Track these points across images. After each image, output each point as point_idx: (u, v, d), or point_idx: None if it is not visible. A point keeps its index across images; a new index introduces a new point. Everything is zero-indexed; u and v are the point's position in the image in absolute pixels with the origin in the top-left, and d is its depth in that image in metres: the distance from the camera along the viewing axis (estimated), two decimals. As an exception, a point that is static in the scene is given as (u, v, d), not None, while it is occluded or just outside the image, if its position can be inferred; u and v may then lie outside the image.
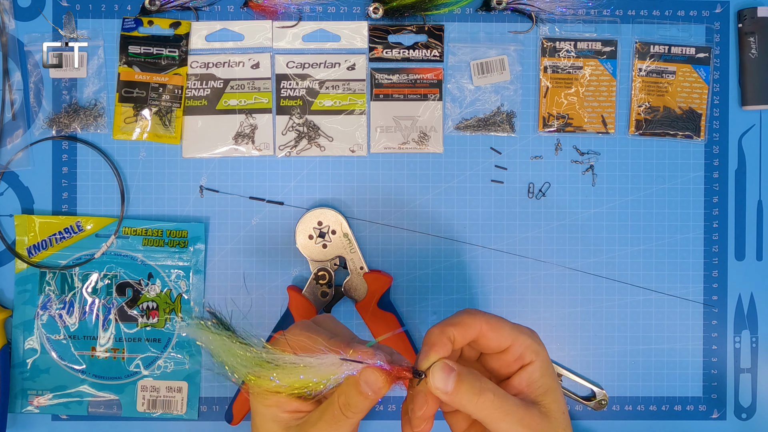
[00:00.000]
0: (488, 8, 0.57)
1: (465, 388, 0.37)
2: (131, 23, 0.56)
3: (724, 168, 0.58)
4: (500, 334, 0.39)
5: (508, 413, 0.37)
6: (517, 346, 0.39)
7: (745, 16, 0.57)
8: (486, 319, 0.39)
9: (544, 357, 0.40)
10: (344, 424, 0.40)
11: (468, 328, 0.39)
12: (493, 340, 0.39)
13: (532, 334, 0.41)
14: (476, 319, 0.39)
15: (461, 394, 0.37)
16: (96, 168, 0.57)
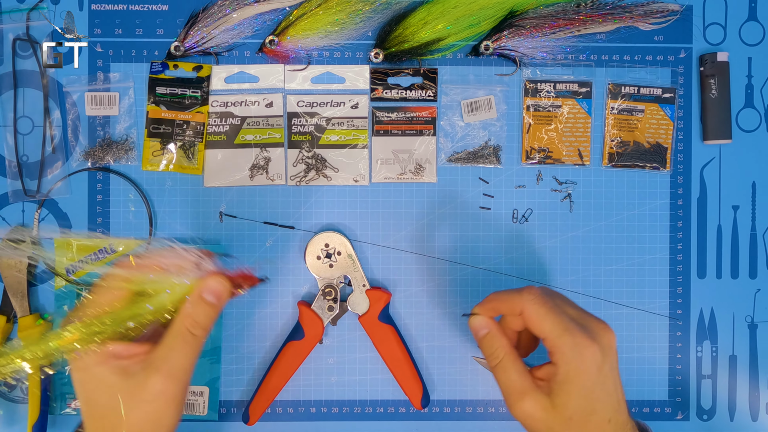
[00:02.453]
0: (477, 53, 0.59)
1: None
2: (158, 67, 0.59)
3: (687, 196, 0.61)
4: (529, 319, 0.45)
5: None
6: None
7: (706, 61, 0.59)
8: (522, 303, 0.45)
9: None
10: (195, 345, 0.41)
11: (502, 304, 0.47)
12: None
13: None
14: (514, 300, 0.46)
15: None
16: (127, 196, 0.59)
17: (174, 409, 0.41)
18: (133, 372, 0.40)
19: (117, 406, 0.40)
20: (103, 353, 0.40)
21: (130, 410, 0.40)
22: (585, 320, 0.45)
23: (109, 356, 0.40)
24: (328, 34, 0.59)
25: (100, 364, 0.40)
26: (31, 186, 0.59)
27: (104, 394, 0.40)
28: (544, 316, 0.44)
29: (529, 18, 0.59)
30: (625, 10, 0.59)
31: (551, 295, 0.46)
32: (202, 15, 0.58)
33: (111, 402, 0.40)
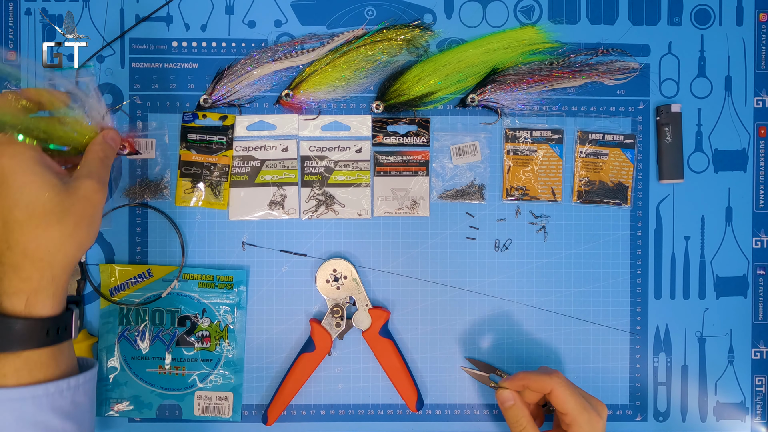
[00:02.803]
0: (464, 105, 0.63)
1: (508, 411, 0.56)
2: (189, 116, 0.62)
3: (646, 228, 0.64)
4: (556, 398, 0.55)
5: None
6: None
7: (661, 111, 0.63)
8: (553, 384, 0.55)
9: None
10: (108, 168, 0.48)
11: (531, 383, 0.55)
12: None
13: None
14: (546, 381, 0.55)
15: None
16: (162, 228, 0.62)
17: (100, 213, 0.46)
18: (65, 181, 0.45)
19: (57, 200, 0.43)
20: (42, 155, 0.43)
21: (71, 204, 0.43)
22: (590, 401, 0.55)
23: (47, 162, 0.44)
24: (336, 88, 0.63)
25: (41, 165, 0.43)
26: None
27: (46, 187, 0.43)
28: (569, 397, 0.53)
29: (509, 74, 0.63)
30: (592, 68, 0.64)
31: (567, 380, 0.56)
32: (227, 72, 0.63)
33: (51, 196, 0.43)
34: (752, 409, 0.65)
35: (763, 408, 0.65)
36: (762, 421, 0.66)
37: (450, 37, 0.65)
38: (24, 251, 0.43)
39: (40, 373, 0.44)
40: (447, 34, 0.64)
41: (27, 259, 0.43)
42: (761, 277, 0.65)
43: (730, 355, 0.65)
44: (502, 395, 0.57)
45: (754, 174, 0.65)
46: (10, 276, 0.43)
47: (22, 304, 0.43)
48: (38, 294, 0.44)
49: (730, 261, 0.65)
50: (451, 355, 0.64)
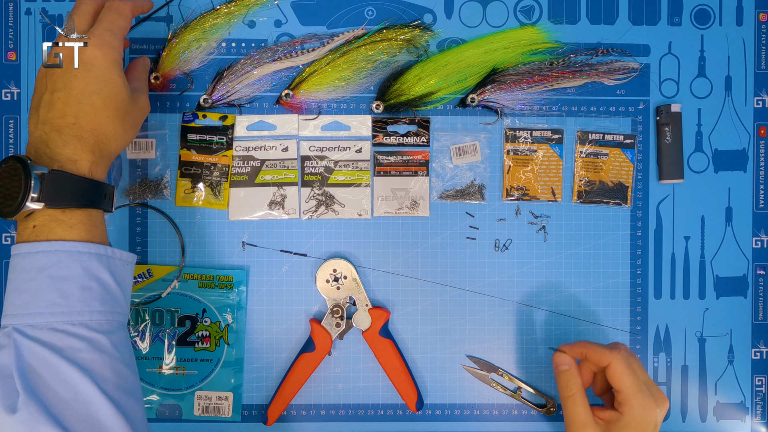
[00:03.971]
0: (464, 105, 0.63)
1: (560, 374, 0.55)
2: (189, 117, 0.63)
3: (646, 228, 0.64)
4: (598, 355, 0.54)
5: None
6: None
7: (661, 111, 0.63)
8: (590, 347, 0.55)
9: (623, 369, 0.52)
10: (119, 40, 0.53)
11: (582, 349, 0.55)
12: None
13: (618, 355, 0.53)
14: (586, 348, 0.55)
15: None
16: (162, 228, 0.63)
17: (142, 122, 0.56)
18: (130, 89, 0.54)
19: (128, 102, 0.52)
20: (120, 60, 0.52)
21: (132, 110, 0.53)
22: (651, 387, 0.54)
23: (121, 66, 0.52)
24: (336, 88, 0.63)
25: (120, 69, 0.51)
26: None
27: (123, 90, 0.52)
28: (626, 375, 0.52)
29: (509, 74, 0.63)
30: (592, 68, 0.64)
31: (632, 357, 0.54)
32: (227, 72, 0.63)
33: (126, 97, 0.52)
34: (752, 409, 0.65)
35: (763, 408, 0.65)
36: (762, 421, 0.66)
37: (450, 37, 0.65)
38: (91, 129, 0.49)
39: (96, 235, 0.49)
40: (447, 34, 0.64)
41: (92, 136, 0.49)
42: (761, 277, 0.65)
43: (730, 355, 0.65)
44: (558, 358, 0.55)
45: (754, 174, 0.65)
46: (74, 144, 0.48)
47: (86, 168, 0.49)
48: (98, 165, 0.50)
49: (730, 261, 0.66)
50: (451, 355, 0.64)
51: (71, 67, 0.49)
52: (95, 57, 0.50)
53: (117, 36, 0.52)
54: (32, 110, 0.51)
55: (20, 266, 0.46)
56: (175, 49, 0.63)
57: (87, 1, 0.53)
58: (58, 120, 0.48)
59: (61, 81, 0.49)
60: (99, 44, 0.50)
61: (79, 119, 0.49)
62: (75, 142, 0.48)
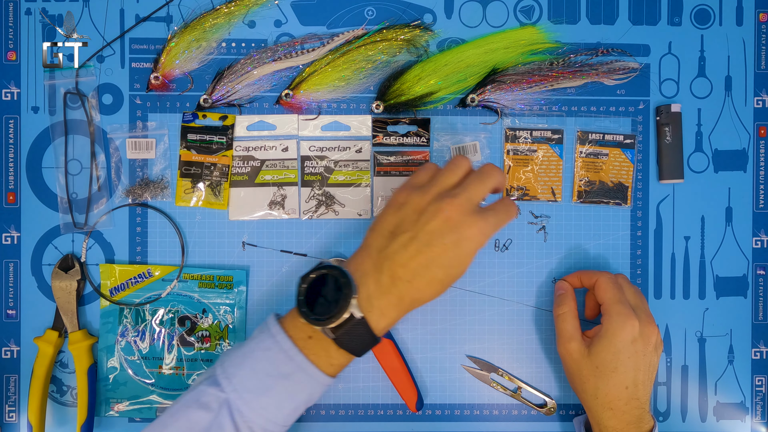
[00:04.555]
0: (464, 105, 0.63)
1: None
2: (189, 117, 0.62)
3: (646, 228, 0.64)
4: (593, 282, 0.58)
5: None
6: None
7: (661, 111, 0.63)
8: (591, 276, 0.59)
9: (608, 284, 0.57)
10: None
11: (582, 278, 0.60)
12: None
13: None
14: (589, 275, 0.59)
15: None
16: (162, 228, 0.62)
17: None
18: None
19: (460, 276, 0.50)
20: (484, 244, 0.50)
21: (460, 277, 0.50)
22: (639, 309, 0.56)
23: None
24: (336, 88, 0.63)
25: (476, 253, 0.49)
26: (80, 219, 0.63)
27: (466, 269, 0.49)
28: (608, 288, 0.56)
29: (509, 75, 0.63)
30: (592, 68, 0.64)
31: (624, 282, 0.58)
32: (227, 72, 0.63)
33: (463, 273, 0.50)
34: (752, 409, 0.65)
35: (763, 408, 0.65)
36: (762, 421, 0.66)
37: (450, 37, 0.65)
38: (414, 299, 0.48)
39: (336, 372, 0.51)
40: (447, 34, 0.64)
41: (411, 302, 0.48)
42: (761, 277, 0.65)
43: (730, 355, 0.65)
44: (558, 284, 0.60)
45: (754, 174, 0.65)
46: (391, 303, 0.48)
47: (383, 326, 0.49)
48: (390, 326, 0.49)
49: (730, 261, 0.66)
50: (452, 355, 0.64)
51: (445, 228, 0.47)
52: (473, 237, 0.47)
53: (498, 227, 0.50)
54: (381, 224, 0.49)
55: (271, 353, 0.48)
56: (175, 49, 0.63)
57: (464, 164, 0.51)
58: (399, 267, 0.47)
59: (427, 235, 0.47)
60: (482, 226, 0.48)
61: (413, 281, 0.47)
62: (395, 300, 0.48)
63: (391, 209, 0.49)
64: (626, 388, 0.54)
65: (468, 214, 0.47)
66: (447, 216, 0.47)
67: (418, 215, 0.48)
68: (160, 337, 0.63)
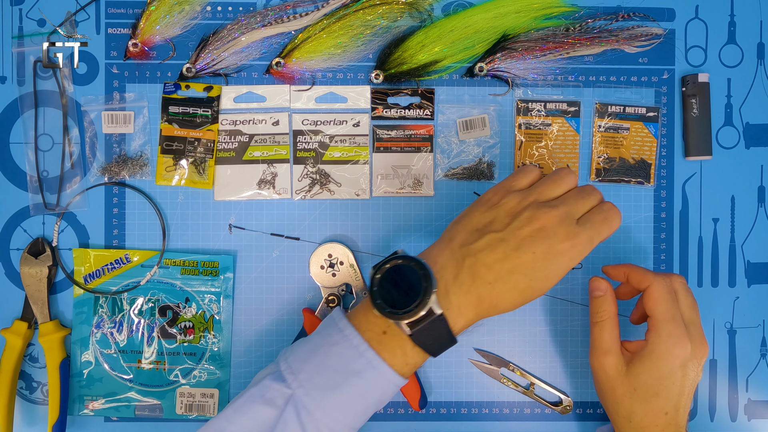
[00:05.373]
0: (471, 75, 0.61)
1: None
2: (171, 87, 0.60)
3: (670, 209, 0.62)
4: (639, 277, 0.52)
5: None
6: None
7: (687, 82, 0.61)
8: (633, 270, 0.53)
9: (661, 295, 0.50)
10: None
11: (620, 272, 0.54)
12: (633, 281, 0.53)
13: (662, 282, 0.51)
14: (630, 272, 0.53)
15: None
16: (141, 209, 0.60)
17: None
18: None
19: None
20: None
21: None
22: (694, 327, 0.50)
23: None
24: (332, 56, 0.61)
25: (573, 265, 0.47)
26: (51, 200, 0.60)
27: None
28: (661, 300, 0.50)
29: (520, 41, 0.61)
30: (612, 34, 0.61)
31: (682, 287, 0.52)
32: (212, 38, 0.60)
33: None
34: (787, 407, 0.64)
35: (799, 406, 0.63)
36: (797, 421, 0.63)
37: (456, 0, 0.62)
38: (493, 303, 0.46)
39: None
40: (453, -3, 0.62)
41: (490, 306, 0.47)
42: (796, 263, 0.63)
43: (762, 348, 0.63)
44: (594, 283, 0.53)
45: (789, 150, 0.63)
46: (470, 302, 0.46)
47: (461, 326, 0.47)
48: (471, 324, 0.48)
49: (763, 245, 0.63)
50: (458, 348, 0.62)
51: (537, 236, 0.46)
52: (565, 251, 0.46)
53: (595, 242, 0.47)
54: (469, 219, 0.48)
55: (340, 348, 0.47)
56: (156, 13, 0.60)
57: (570, 178, 0.50)
58: (482, 266, 0.46)
59: (517, 239, 0.46)
60: (576, 242, 0.46)
61: (495, 284, 0.46)
62: (473, 300, 0.46)
63: (483, 207, 0.49)
64: (665, 414, 0.50)
65: (564, 226, 0.46)
66: (542, 225, 0.46)
67: (512, 218, 0.47)
68: (138, 328, 0.61)
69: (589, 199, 0.48)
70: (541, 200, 0.47)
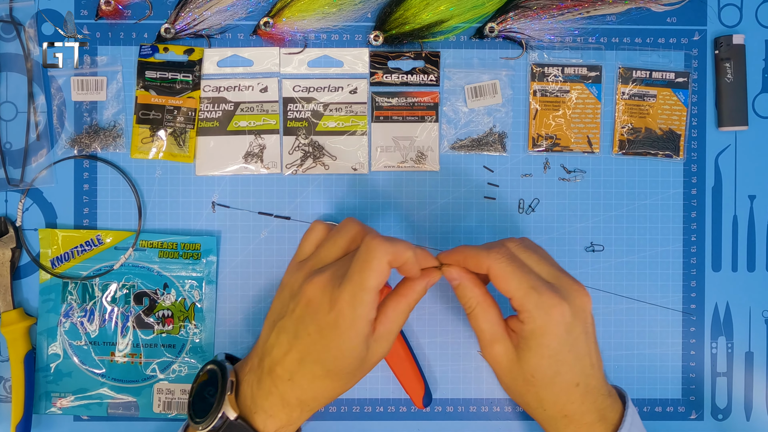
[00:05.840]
0: (481, 36, 0.58)
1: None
2: (148, 50, 0.58)
3: (702, 185, 0.60)
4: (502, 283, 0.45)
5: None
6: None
7: (721, 44, 0.58)
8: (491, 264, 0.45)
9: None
10: (405, 320, 0.46)
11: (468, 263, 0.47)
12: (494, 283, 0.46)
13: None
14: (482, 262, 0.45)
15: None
16: (115, 185, 0.58)
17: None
18: (369, 344, 0.45)
19: (353, 371, 0.44)
20: (368, 330, 0.43)
21: (360, 374, 0.46)
22: (559, 280, 0.45)
23: (369, 334, 0.44)
24: (326, 15, 0.58)
25: (362, 341, 0.43)
26: (15, 175, 0.58)
27: (354, 363, 0.44)
28: (510, 275, 0.44)
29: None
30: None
31: (526, 251, 0.46)
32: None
33: (353, 368, 0.44)
34: (831, 404, 0.61)
35: (844, 403, 0.61)
36: (842, 419, 0.61)
37: None
38: (300, 399, 0.45)
39: None
40: (460, -52, 0.60)
41: (299, 404, 0.46)
42: (841, 246, 0.61)
43: None
44: (447, 273, 0.47)
45: (833, 120, 0.61)
46: (275, 404, 0.45)
47: (274, 427, 0.46)
48: (287, 428, 0.47)
49: None
50: (465, 341, 0.60)
51: (306, 314, 0.43)
52: (335, 320, 0.42)
53: (373, 299, 0.43)
54: (270, 311, 0.48)
55: None
56: None
57: (352, 228, 0.46)
58: (275, 364, 0.45)
59: (294, 324, 0.44)
60: (352, 302, 0.42)
61: (294, 379, 0.45)
62: (278, 401, 0.45)
63: (277, 292, 0.48)
64: (577, 386, 0.46)
65: (328, 293, 0.43)
66: (308, 299, 0.43)
67: (290, 299, 0.45)
68: (112, 317, 0.59)
69: (373, 256, 0.43)
70: (317, 267, 0.45)
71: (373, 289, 0.41)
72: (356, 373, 0.45)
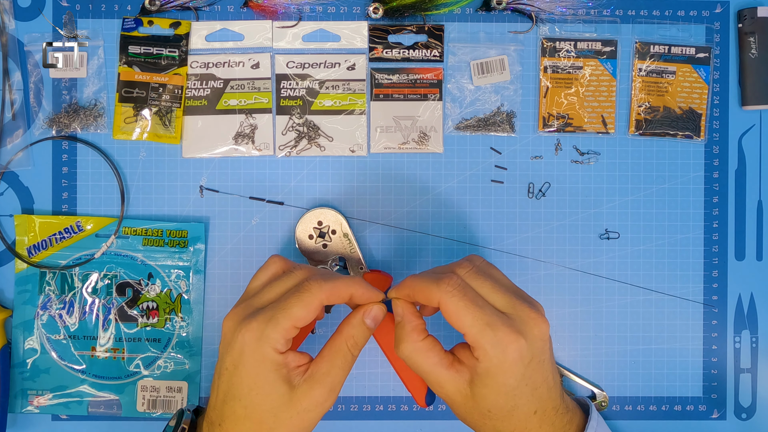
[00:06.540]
0: (488, 8, 0.56)
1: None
2: (131, 23, 0.56)
3: (724, 168, 0.58)
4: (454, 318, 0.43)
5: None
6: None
7: (745, 16, 0.56)
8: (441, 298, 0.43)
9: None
10: (351, 362, 0.45)
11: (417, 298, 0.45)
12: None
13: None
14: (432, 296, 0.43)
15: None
16: (96, 168, 0.57)
17: (319, 420, 0.46)
18: (295, 383, 0.44)
19: (276, 411, 0.43)
20: (276, 358, 0.44)
21: (288, 418, 0.43)
22: (515, 309, 0.43)
23: (280, 364, 0.43)
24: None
25: (276, 368, 0.43)
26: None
27: (270, 398, 0.43)
28: (462, 312, 0.42)
29: None
30: None
31: (478, 278, 0.44)
32: None
33: (273, 407, 0.43)
34: None
35: None
36: None
37: None
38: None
39: None
40: None
41: None
42: None
43: None
44: (394, 304, 0.47)
45: None
46: None
47: None
48: None
49: None
50: None
51: (223, 349, 0.44)
52: (240, 351, 0.43)
53: (287, 327, 0.43)
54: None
55: None
56: None
57: (276, 263, 0.47)
58: (210, 409, 0.46)
59: (220, 363, 0.45)
60: (258, 327, 0.43)
61: (223, 424, 0.44)
62: None
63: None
64: (535, 413, 0.44)
65: (239, 321, 0.44)
66: (240, 345, 0.43)
67: (224, 346, 0.46)
68: (93, 310, 0.57)
69: (303, 297, 0.44)
70: (257, 306, 0.45)
71: (287, 319, 0.42)
72: (281, 416, 0.43)
